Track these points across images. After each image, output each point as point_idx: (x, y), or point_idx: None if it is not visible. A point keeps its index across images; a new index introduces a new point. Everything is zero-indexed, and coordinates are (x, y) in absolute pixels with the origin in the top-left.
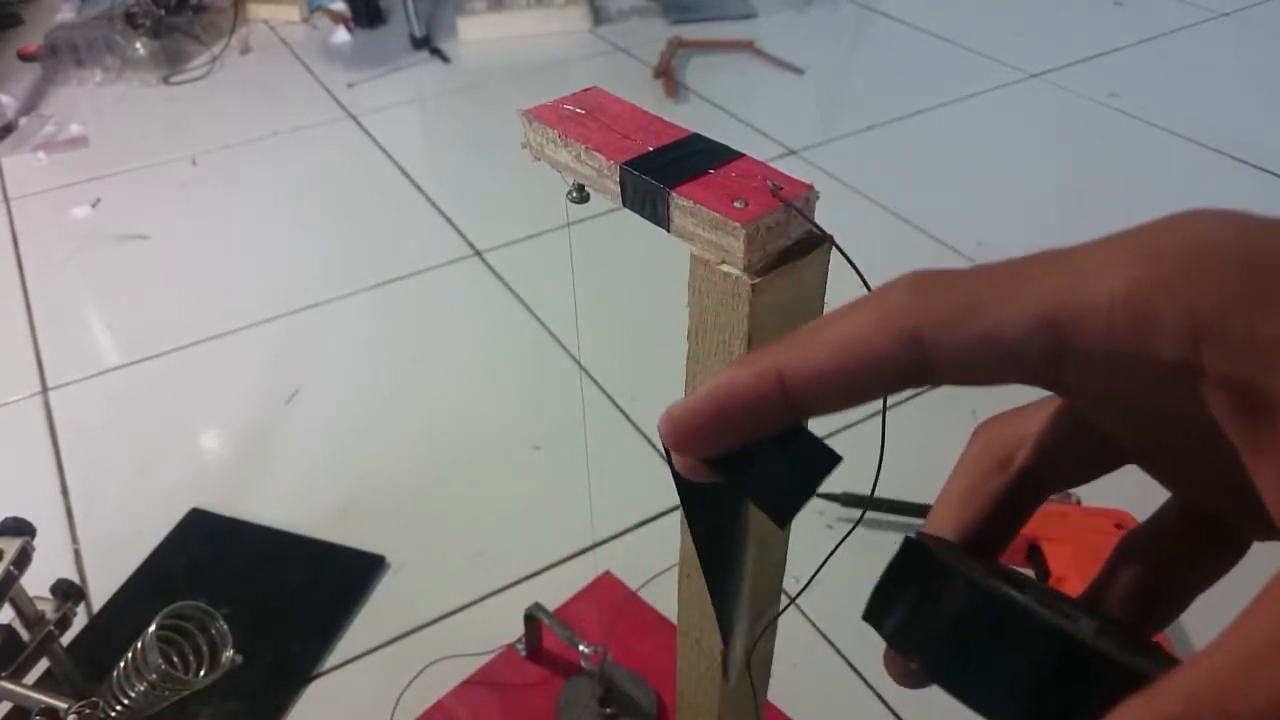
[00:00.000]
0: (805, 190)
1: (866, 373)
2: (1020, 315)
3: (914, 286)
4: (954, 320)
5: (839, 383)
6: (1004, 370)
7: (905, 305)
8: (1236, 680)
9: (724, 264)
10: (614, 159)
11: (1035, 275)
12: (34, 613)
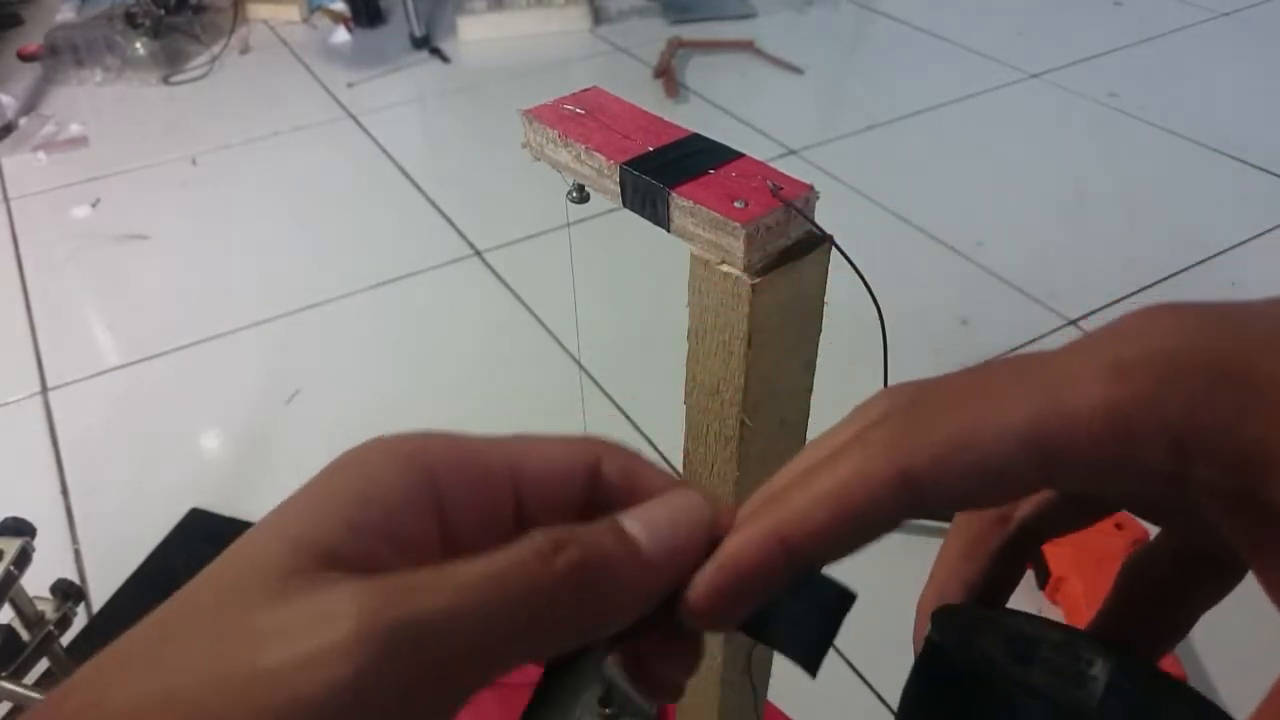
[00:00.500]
0: (805, 190)
1: (864, 522)
2: (1006, 443)
3: (894, 423)
4: (941, 456)
5: (839, 537)
6: (996, 493)
7: (890, 448)
8: None
9: (724, 264)
10: (614, 159)
11: (1012, 395)
12: (34, 613)
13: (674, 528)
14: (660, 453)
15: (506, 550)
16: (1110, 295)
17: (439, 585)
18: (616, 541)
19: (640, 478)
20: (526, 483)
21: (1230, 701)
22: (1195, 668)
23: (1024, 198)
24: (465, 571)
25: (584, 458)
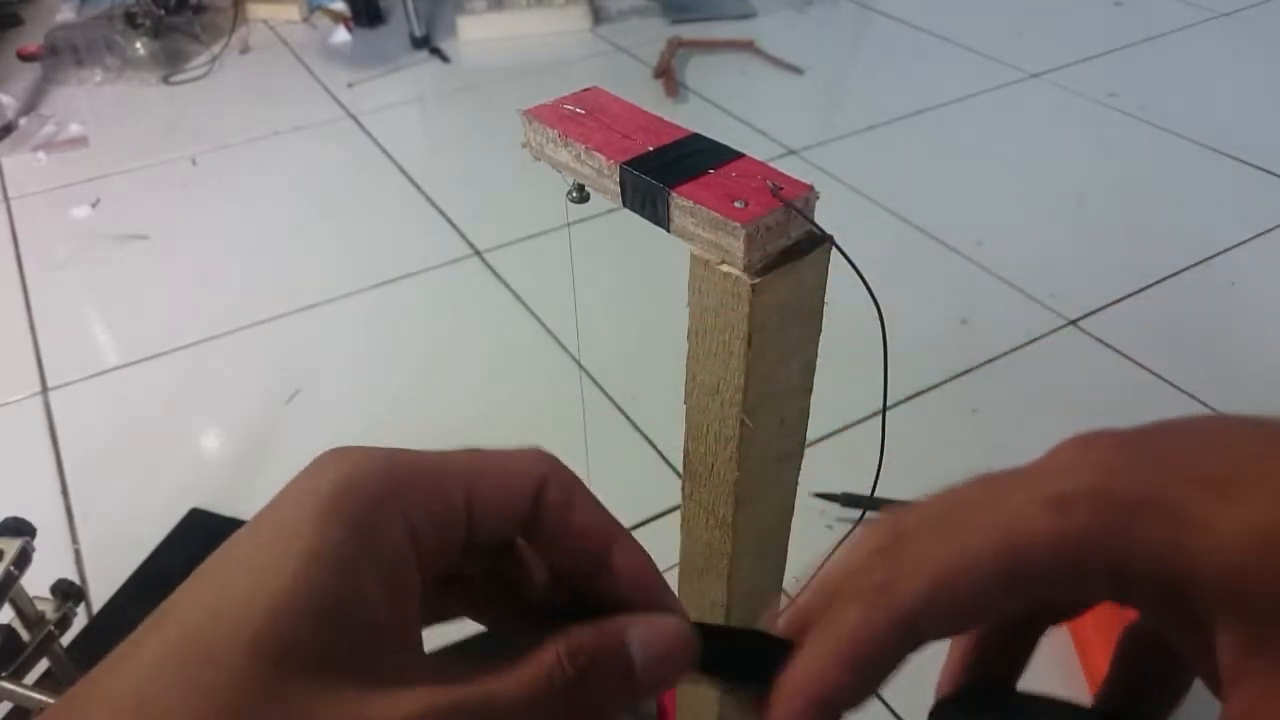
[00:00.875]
0: (805, 190)
1: (878, 668)
2: (980, 578)
3: (884, 570)
4: (931, 598)
5: (861, 687)
6: (982, 618)
7: (888, 601)
8: None
9: (724, 264)
10: (614, 159)
11: (978, 531)
12: (34, 613)
13: (668, 656)
14: (660, 453)
15: (539, 666)
16: (1110, 295)
17: (485, 697)
18: (620, 666)
19: (576, 507)
20: (479, 499)
21: None
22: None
23: (1024, 198)
24: (503, 683)
25: (532, 477)
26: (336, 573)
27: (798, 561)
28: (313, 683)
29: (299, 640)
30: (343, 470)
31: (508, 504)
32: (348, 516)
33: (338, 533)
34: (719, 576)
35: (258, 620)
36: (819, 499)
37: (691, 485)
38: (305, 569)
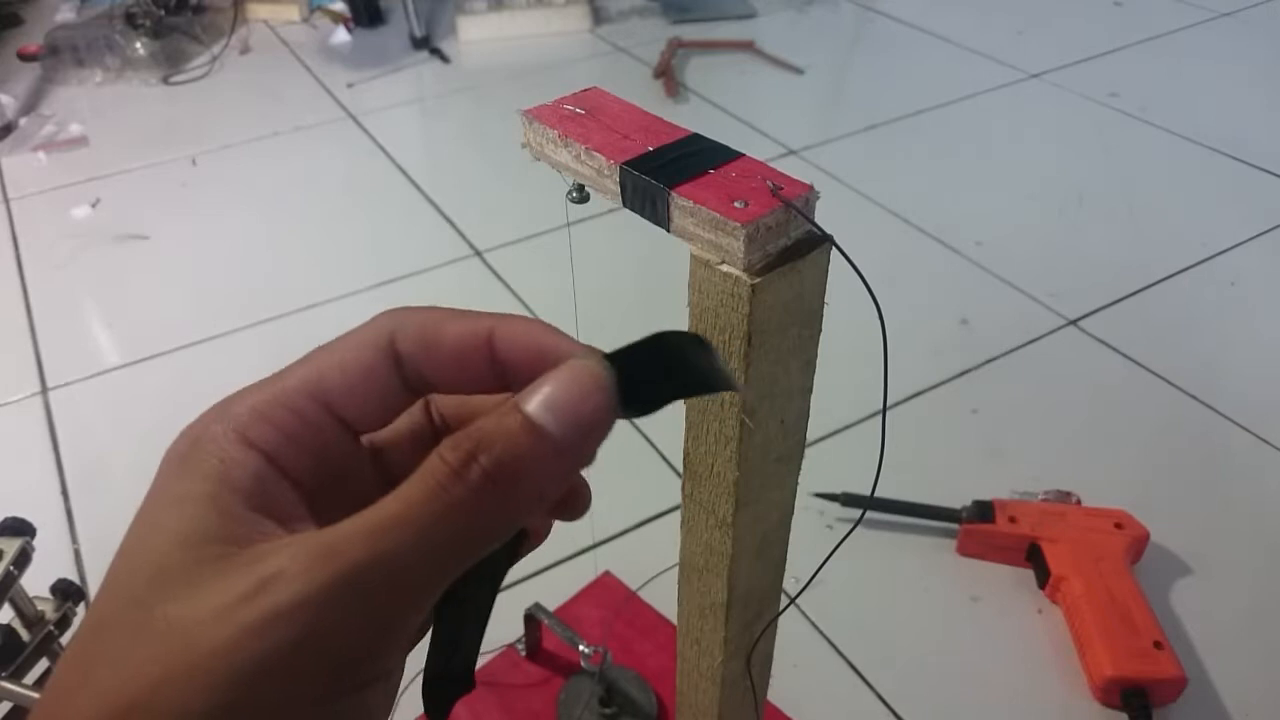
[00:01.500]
0: (805, 190)
1: None
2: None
3: None
4: None
5: None
6: None
7: None
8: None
9: (724, 264)
10: (614, 159)
11: None
12: (34, 613)
13: (579, 403)
14: (660, 452)
15: (419, 476)
16: (1110, 295)
17: (362, 532)
18: (525, 433)
19: (439, 337)
20: (333, 392)
21: (1230, 702)
22: (1196, 668)
23: (1024, 198)
24: (385, 511)
25: (376, 345)
26: (188, 507)
27: (798, 561)
28: (184, 588)
29: (168, 565)
30: (187, 433)
31: (364, 381)
32: (189, 468)
33: (181, 483)
34: (719, 576)
35: (136, 573)
36: (819, 499)
37: (691, 485)
38: (162, 516)
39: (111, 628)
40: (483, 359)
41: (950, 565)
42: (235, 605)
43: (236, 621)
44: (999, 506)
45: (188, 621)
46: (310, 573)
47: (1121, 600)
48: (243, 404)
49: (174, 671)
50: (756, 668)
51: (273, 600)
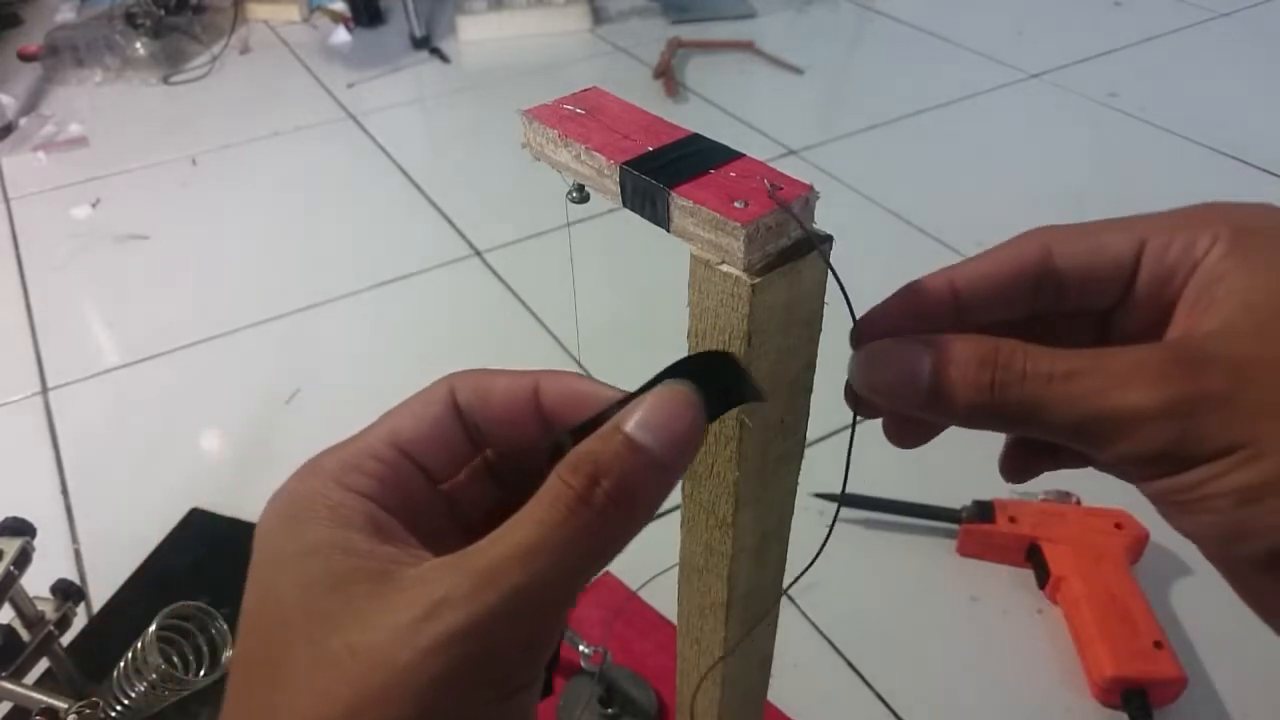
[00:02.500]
0: (805, 190)
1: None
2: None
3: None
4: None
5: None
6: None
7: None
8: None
9: (724, 264)
10: (614, 159)
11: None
12: (34, 613)
13: (674, 420)
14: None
15: (548, 502)
16: None
17: (514, 558)
18: (631, 453)
19: (490, 392)
20: (411, 444)
21: (1230, 702)
22: (1196, 668)
23: (1024, 198)
24: (526, 536)
25: (442, 401)
26: (320, 557)
27: (798, 561)
28: (352, 620)
29: (327, 607)
30: (282, 498)
31: (433, 431)
32: (302, 523)
33: (301, 537)
34: (719, 576)
35: (289, 622)
36: (819, 499)
37: (691, 485)
38: (295, 569)
39: (284, 665)
40: (529, 410)
41: (950, 565)
42: (412, 628)
43: (417, 644)
44: (999, 506)
45: (370, 647)
46: (477, 597)
47: (1121, 600)
48: (332, 460)
49: (369, 690)
50: (756, 668)
51: (448, 623)
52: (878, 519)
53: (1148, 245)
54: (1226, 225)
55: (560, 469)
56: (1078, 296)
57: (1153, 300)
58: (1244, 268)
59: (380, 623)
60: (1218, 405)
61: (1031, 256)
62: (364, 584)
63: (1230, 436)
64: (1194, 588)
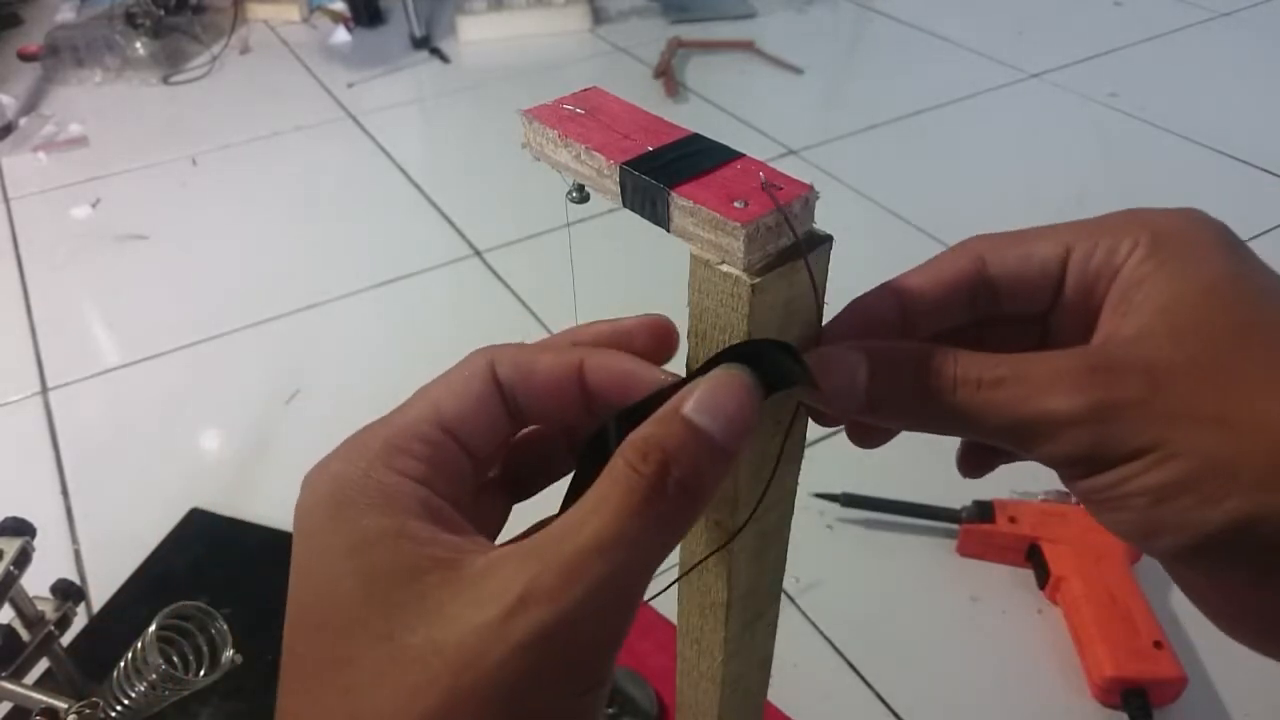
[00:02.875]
0: (805, 190)
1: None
2: (1047, 247)
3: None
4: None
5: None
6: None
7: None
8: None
9: (724, 264)
10: (614, 159)
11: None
12: (34, 613)
13: (732, 405)
14: None
15: (619, 490)
16: None
17: (593, 550)
18: (697, 440)
19: (533, 368)
20: (454, 421)
21: (1230, 702)
22: (1196, 668)
23: (1024, 198)
24: (604, 526)
25: (480, 376)
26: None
27: (798, 561)
28: (434, 614)
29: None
30: (323, 481)
31: (476, 408)
32: (353, 511)
33: (354, 527)
34: (719, 576)
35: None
36: (819, 499)
37: None
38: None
39: (356, 664)
40: (574, 387)
41: (950, 565)
42: (500, 625)
43: (507, 641)
44: (999, 506)
45: (458, 644)
46: (564, 591)
47: (1121, 600)
48: (375, 440)
49: (460, 690)
50: (756, 668)
51: (537, 619)
52: (878, 519)
53: (1073, 252)
54: (1146, 232)
55: (628, 456)
56: (1011, 303)
57: (1080, 305)
58: (1160, 274)
59: (463, 618)
60: (1133, 410)
61: (966, 267)
62: (434, 575)
63: (1144, 440)
64: None
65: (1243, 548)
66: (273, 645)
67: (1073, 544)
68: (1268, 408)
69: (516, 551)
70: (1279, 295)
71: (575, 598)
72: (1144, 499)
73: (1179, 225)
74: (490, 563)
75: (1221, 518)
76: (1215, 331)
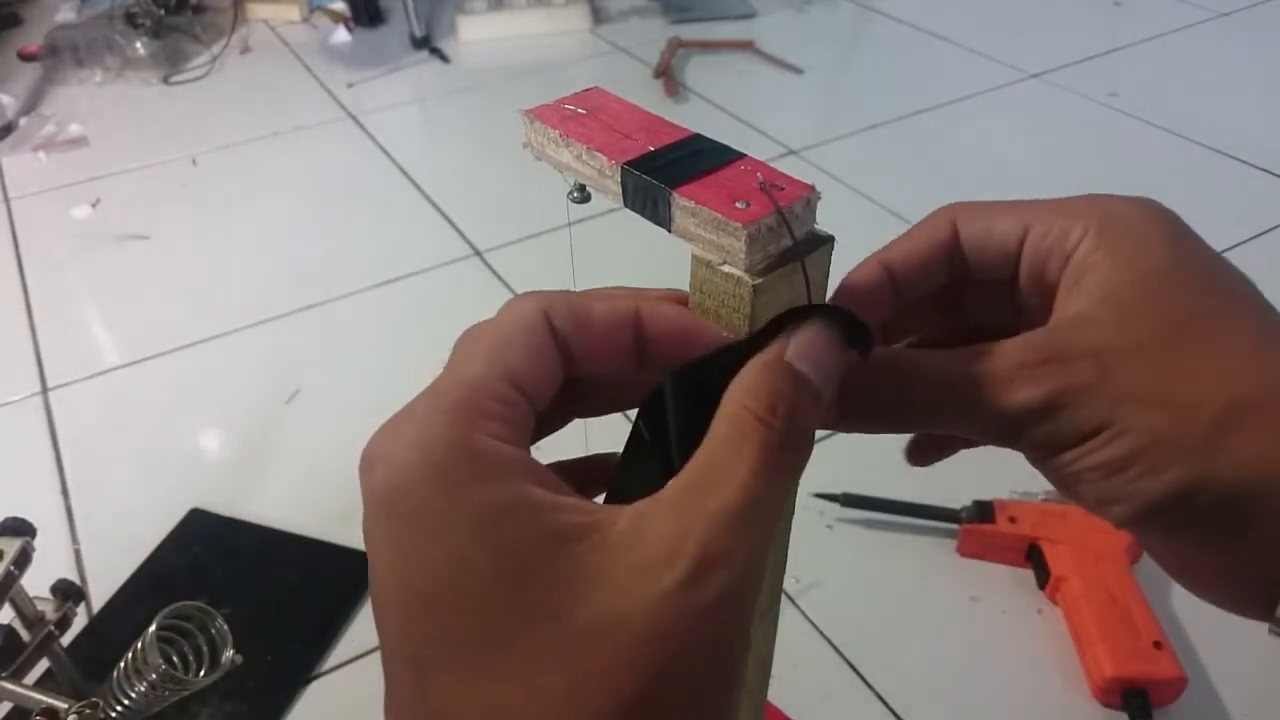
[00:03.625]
0: (806, 191)
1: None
2: (1008, 223)
3: None
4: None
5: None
6: (1000, 259)
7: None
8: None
9: (725, 265)
10: (615, 159)
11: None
12: (34, 613)
13: (828, 356)
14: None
15: (755, 442)
16: None
17: (733, 511)
18: (808, 391)
19: (587, 318)
20: (518, 373)
21: (1230, 702)
22: (1196, 668)
23: (1024, 198)
24: (742, 485)
25: (538, 328)
26: (516, 521)
27: (798, 561)
28: (606, 586)
29: (561, 571)
30: (417, 438)
31: (539, 359)
32: (467, 482)
33: (469, 500)
34: None
35: (510, 598)
36: (819, 499)
37: None
38: (485, 537)
39: (519, 646)
40: (630, 338)
41: (950, 565)
42: (684, 590)
43: (694, 606)
44: (999, 506)
45: (641, 611)
46: (735, 550)
47: (1121, 600)
48: (452, 404)
49: (654, 659)
50: (756, 668)
51: (720, 584)
52: (878, 519)
53: (1030, 232)
54: (1096, 217)
55: (752, 407)
56: (979, 271)
57: (1035, 282)
58: (1108, 261)
59: (638, 586)
60: (1085, 394)
61: (944, 234)
62: (579, 543)
63: (1096, 420)
64: None
65: (1184, 513)
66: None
67: (1073, 544)
68: (1205, 389)
69: (658, 511)
70: (1216, 284)
71: (745, 558)
72: (1097, 473)
73: (1129, 213)
74: (635, 525)
75: (1164, 487)
76: (1158, 318)
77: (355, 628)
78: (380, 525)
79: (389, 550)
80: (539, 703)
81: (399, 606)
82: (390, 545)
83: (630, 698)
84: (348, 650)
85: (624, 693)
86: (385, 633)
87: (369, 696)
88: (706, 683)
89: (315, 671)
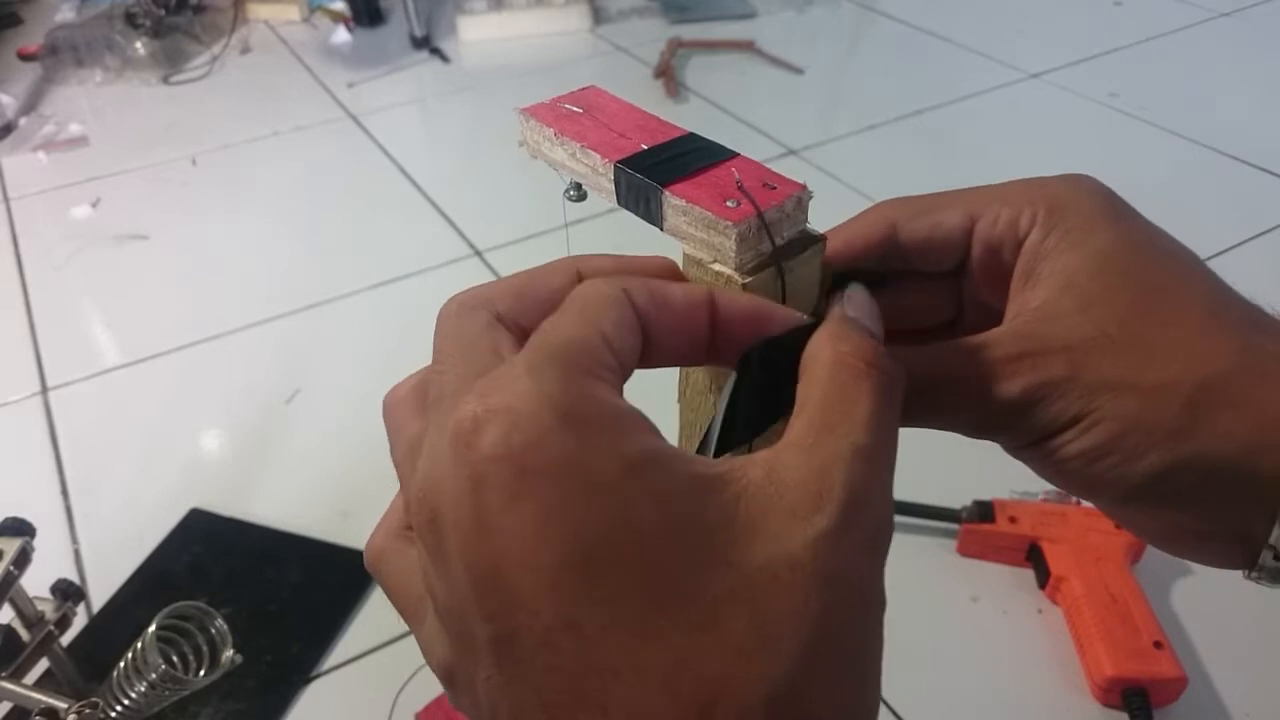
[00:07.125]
0: (798, 190)
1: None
2: (953, 215)
3: None
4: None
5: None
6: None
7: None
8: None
9: (716, 263)
10: (608, 157)
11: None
12: (34, 613)
13: (878, 316)
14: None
15: (865, 383)
16: None
17: (868, 444)
18: (875, 346)
19: (767, 312)
20: (611, 342)
21: (1230, 702)
22: (1196, 668)
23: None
24: (863, 419)
25: (701, 296)
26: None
27: None
28: (758, 536)
29: (718, 521)
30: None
31: (630, 337)
32: (599, 432)
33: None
34: None
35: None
36: None
37: None
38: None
39: (700, 596)
40: (705, 319)
41: (950, 565)
42: (841, 533)
43: (853, 547)
44: (999, 506)
45: (811, 557)
46: (876, 490)
47: (1121, 600)
48: (566, 361)
49: (833, 603)
50: None
51: (870, 527)
52: None
53: (977, 222)
54: (1041, 201)
55: (855, 355)
56: (921, 264)
57: (987, 272)
58: (1060, 247)
59: (798, 531)
60: (1062, 387)
61: (878, 233)
62: (724, 492)
63: (1073, 411)
64: (1194, 588)
65: (1166, 491)
66: (272, 645)
67: (1073, 544)
68: (1173, 371)
69: (789, 458)
70: (1162, 258)
71: (884, 497)
72: (1079, 461)
73: (1071, 196)
74: (770, 473)
75: (1145, 469)
76: (1118, 304)
77: (355, 628)
78: (508, 485)
79: (523, 509)
80: (730, 648)
81: (542, 570)
82: (527, 503)
83: (814, 636)
84: (348, 650)
85: (809, 633)
86: (507, 605)
87: (369, 696)
88: (866, 619)
89: (315, 671)
